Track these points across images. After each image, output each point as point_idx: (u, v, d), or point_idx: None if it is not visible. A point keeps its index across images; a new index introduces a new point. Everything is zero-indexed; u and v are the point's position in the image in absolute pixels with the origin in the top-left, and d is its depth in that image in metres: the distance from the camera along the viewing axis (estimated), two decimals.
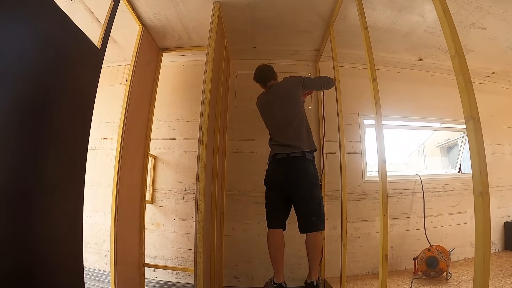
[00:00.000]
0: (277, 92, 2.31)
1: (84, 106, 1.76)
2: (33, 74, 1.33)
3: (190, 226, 2.96)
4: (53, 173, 1.49)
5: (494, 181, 3.43)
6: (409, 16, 2.57)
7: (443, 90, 3.48)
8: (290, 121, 2.18)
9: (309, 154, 2.12)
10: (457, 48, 1.23)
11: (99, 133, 3.23)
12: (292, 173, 2.06)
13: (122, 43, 3.02)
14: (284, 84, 2.36)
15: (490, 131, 3.58)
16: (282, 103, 2.25)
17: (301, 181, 2.04)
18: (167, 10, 2.49)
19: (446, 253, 2.64)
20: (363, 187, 3.12)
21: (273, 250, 2.01)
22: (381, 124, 1.75)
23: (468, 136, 1.15)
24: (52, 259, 1.47)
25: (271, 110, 2.30)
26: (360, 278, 2.83)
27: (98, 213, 3.05)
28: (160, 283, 2.88)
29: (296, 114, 2.20)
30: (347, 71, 3.34)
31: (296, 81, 2.33)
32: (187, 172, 3.10)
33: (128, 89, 2.41)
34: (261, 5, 2.45)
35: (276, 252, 2.00)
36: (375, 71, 1.81)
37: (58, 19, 1.50)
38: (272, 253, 2.01)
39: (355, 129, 3.28)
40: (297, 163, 2.07)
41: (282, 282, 1.95)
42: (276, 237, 2.04)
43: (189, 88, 3.30)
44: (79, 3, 2.36)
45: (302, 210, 2.04)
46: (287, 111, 2.21)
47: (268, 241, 2.05)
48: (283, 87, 2.33)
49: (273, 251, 2.01)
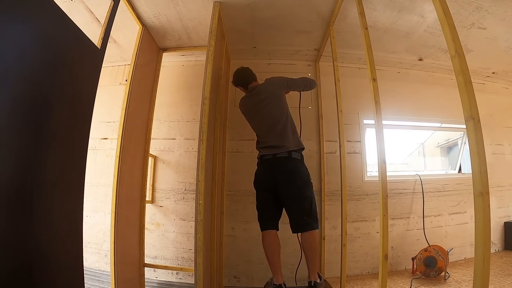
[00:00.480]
0: (261, 94, 2.26)
1: (84, 106, 1.76)
2: (33, 74, 1.33)
3: (190, 226, 2.96)
4: (53, 173, 1.49)
5: (494, 181, 3.43)
6: (409, 16, 2.57)
7: (443, 90, 3.48)
8: (275, 122, 2.15)
9: (296, 153, 2.09)
10: (457, 48, 1.23)
11: (99, 133, 3.23)
12: (279, 173, 2.04)
13: (122, 43, 3.02)
14: (267, 85, 2.30)
15: (490, 131, 3.58)
16: (267, 104, 2.21)
17: (290, 181, 2.02)
18: (167, 10, 2.49)
19: (443, 252, 2.65)
20: (363, 187, 3.12)
21: (269, 251, 2.00)
22: (381, 124, 1.75)
23: (468, 136, 1.14)
24: (52, 259, 1.47)
25: (257, 113, 2.25)
26: (360, 278, 2.84)
27: (98, 213, 3.05)
28: (160, 283, 2.88)
29: (282, 115, 2.18)
30: (347, 71, 3.34)
31: (279, 82, 2.29)
32: (187, 172, 3.10)
33: (128, 89, 2.41)
34: (261, 5, 2.44)
35: (272, 253, 1.99)
36: (375, 71, 1.81)
37: (58, 19, 1.50)
38: (269, 255, 1.99)
39: (355, 129, 3.27)
40: (287, 164, 2.06)
41: (282, 283, 1.94)
42: (271, 239, 2.03)
43: (189, 88, 3.30)
44: (79, 3, 2.36)
45: (292, 210, 2.03)
46: (272, 113, 2.18)
47: (264, 243, 2.03)
48: (267, 89, 2.27)
49: (269, 252, 1.99)
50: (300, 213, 1.99)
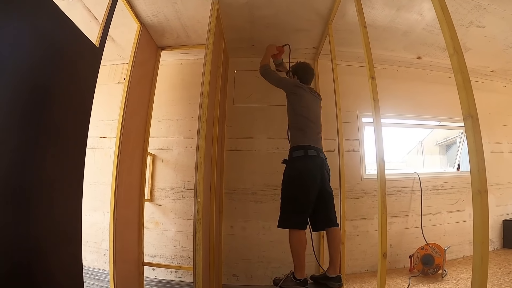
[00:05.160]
0: (317, 96, 2.49)
1: (82, 105, 1.76)
2: (31, 72, 1.32)
3: (189, 225, 2.96)
4: (52, 172, 1.48)
5: (492, 179, 3.45)
6: (408, 14, 2.57)
7: (441, 88, 3.48)
8: (320, 126, 2.38)
9: (293, 151, 2.19)
10: (455, 47, 1.23)
11: (98, 132, 3.23)
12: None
13: (120, 42, 3.01)
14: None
15: (488, 129, 3.59)
16: (318, 107, 2.45)
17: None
18: (165, 9, 2.48)
19: (440, 249, 2.66)
20: (362, 185, 3.13)
21: (302, 249, 2.02)
22: (379, 122, 1.75)
23: (467, 134, 1.15)
24: (51, 258, 1.46)
25: (314, 110, 2.43)
26: (359, 276, 2.84)
27: (97, 212, 3.05)
28: (159, 282, 2.88)
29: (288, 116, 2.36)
30: (346, 69, 3.34)
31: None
32: (186, 170, 3.10)
33: (126, 87, 2.41)
34: (259, 4, 2.44)
35: (304, 250, 2.03)
36: (373, 69, 1.81)
37: (56, 18, 1.50)
38: (302, 252, 2.02)
39: (354, 127, 3.28)
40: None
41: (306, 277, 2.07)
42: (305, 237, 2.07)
43: (188, 86, 3.29)
44: (77, 2, 2.34)
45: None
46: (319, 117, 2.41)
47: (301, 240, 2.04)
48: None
49: (302, 249, 2.02)
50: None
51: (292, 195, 2.09)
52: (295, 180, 2.10)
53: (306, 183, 2.07)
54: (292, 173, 2.14)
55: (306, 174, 2.09)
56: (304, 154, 2.12)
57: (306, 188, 2.06)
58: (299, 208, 2.05)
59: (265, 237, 2.92)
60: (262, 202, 2.97)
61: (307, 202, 2.06)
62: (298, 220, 2.04)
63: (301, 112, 2.25)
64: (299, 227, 2.02)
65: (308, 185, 2.07)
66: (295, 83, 2.35)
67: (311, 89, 2.45)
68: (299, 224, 2.03)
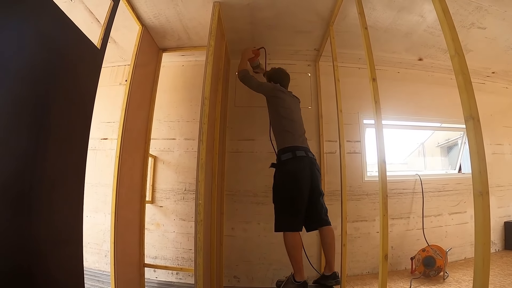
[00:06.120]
0: (297, 99, 2.57)
1: (84, 106, 1.76)
2: (32, 74, 1.33)
3: (190, 226, 2.96)
4: (53, 174, 1.49)
5: (494, 181, 3.44)
6: (409, 16, 2.57)
7: (443, 90, 3.48)
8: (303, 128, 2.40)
9: (281, 154, 2.18)
10: (456, 48, 1.23)
11: (99, 133, 3.24)
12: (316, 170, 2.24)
13: (122, 43, 3.02)
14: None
15: (490, 130, 3.59)
16: (299, 111, 2.50)
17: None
18: (166, 11, 2.49)
19: (442, 251, 2.65)
20: (363, 187, 3.12)
21: (299, 251, 2.02)
22: (381, 124, 1.75)
23: (468, 136, 1.14)
24: (52, 259, 1.47)
25: (297, 113, 2.46)
26: (360, 278, 2.84)
27: (98, 213, 3.05)
28: (160, 283, 2.88)
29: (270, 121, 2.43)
30: (347, 71, 3.34)
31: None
32: (187, 172, 3.10)
33: (128, 89, 2.41)
34: (261, 5, 2.44)
35: (301, 252, 2.03)
36: (374, 71, 1.81)
37: (57, 19, 1.50)
38: (299, 254, 2.01)
39: (355, 129, 3.27)
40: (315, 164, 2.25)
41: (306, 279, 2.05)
42: (300, 238, 2.06)
43: (189, 88, 3.30)
44: (79, 3, 2.36)
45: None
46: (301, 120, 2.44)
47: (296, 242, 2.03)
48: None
49: (299, 251, 2.02)
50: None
51: (286, 198, 2.08)
52: (287, 184, 2.09)
53: (299, 185, 2.06)
54: (283, 177, 2.13)
55: (298, 176, 2.08)
56: (293, 156, 2.11)
57: (299, 190, 2.06)
58: (294, 211, 2.05)
59: (266, 238, 2.91)
60: (263, 203, 2.96)
61: (301, 203, 2.06)
62: (294, 222, 2.04)
63: (285, 115, 2.27)
64: (295, 229, 2.03)
65: (300, 186, 2.06)
66: (275, 87, 2.40)
67: (290, 92, 2.50)
68: (295, 226, 2.03)
